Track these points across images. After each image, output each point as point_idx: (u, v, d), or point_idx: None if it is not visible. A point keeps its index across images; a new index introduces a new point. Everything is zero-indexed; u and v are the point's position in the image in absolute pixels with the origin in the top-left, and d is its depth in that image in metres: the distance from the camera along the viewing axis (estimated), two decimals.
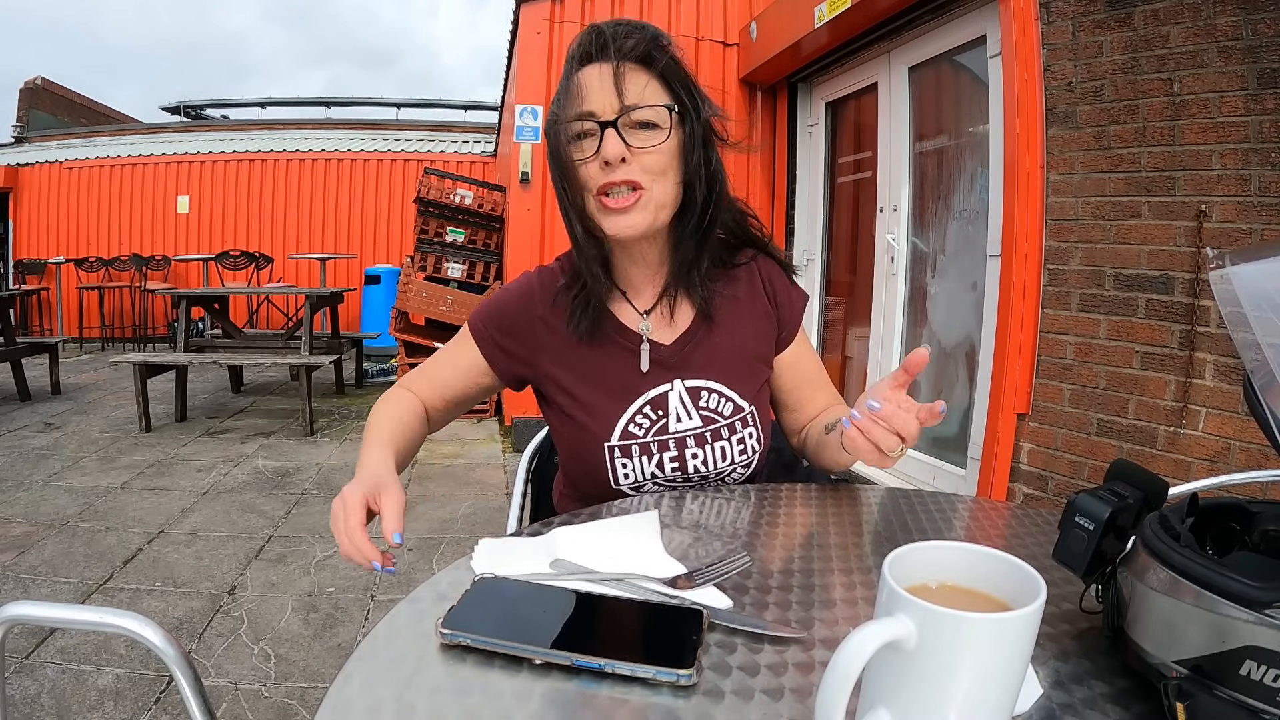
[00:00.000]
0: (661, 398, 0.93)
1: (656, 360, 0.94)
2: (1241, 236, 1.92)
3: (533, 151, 4.45)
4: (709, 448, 0.93)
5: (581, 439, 0.93)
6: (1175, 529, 0.49)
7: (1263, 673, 0.40)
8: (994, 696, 0.39)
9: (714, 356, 0.95)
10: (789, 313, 1.01)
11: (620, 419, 0.92)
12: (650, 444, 0.92)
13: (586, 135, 0.84)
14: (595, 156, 0.84)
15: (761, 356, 1.00)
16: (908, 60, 3.24)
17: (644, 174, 0.85)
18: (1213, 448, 1.96)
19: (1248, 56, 1.88)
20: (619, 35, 0.84)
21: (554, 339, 0.95)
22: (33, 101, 11.10)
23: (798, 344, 1.03)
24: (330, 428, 4.58)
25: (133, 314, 8.11)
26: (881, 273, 3.44)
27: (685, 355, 0.95)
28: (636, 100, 0.83)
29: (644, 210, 0.86)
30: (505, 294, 0.99)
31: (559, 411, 0.96)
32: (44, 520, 2.91)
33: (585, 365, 0.94)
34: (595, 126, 0.83)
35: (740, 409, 0.95)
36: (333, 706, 0.46)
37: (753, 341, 0.99)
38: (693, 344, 0.95)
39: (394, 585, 2.42)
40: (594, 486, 0.93)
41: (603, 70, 0.84)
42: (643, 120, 0.84)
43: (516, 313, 0.96)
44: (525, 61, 4.42)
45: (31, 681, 1.80)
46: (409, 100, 14.45)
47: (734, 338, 0.97)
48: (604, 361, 0.94)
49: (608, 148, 0.82)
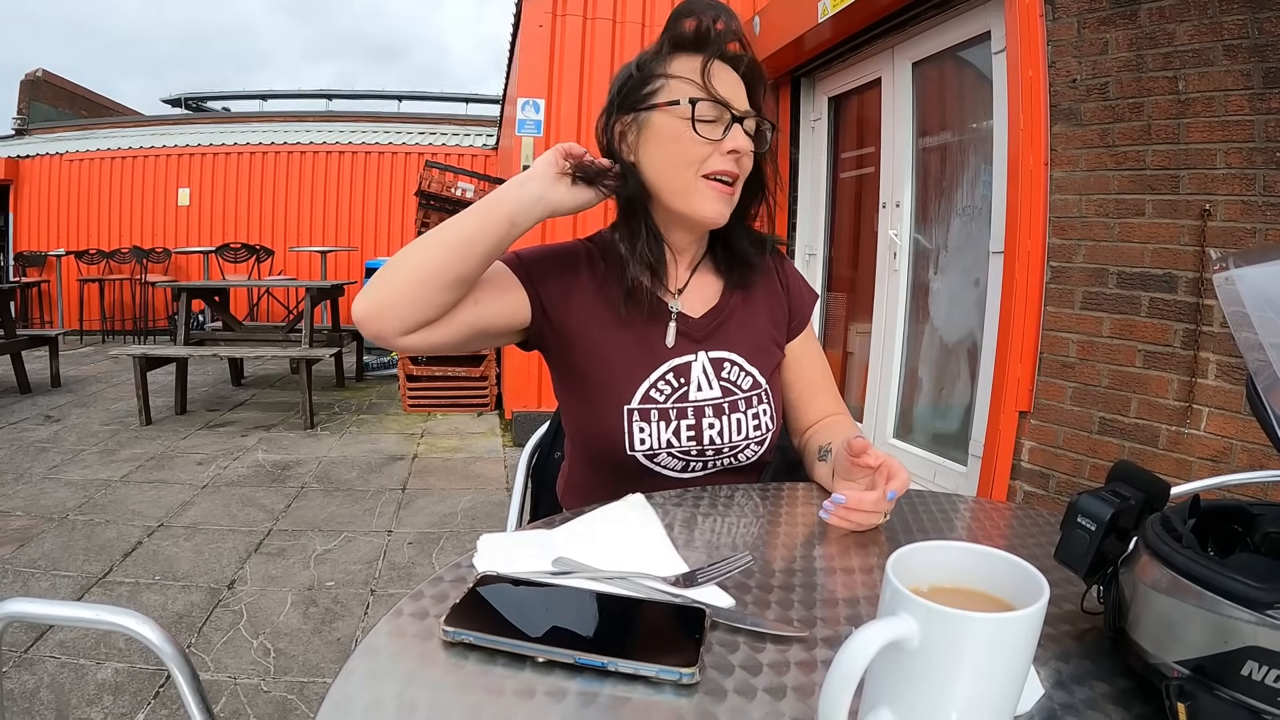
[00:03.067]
0: (685, 366, 0.96)
1: (684, 332, 0.97)
2: (1245, 236, 1.91)
3: (534, 145, 4.44)
4: (726, 419, 0.95)
5: (602, 400, 0.94)
6: (1177, 530, 0.50)
7: (1264, 673, 0.40)
8: (996, 696, 0.39)
9: (738, 331, 1.00)
10: (799, 303, 1.07)
11: (643, 383, 0.94)
12: (669, 410, 0.93)
13: (715, 121, 0.88)
14: (720, 142, 0.88)
15: (776, 340, 1.04)
16: (911, 56, 3.22)
17: (742, 173, 0.92)
18: (1215, 447, 1.96)
19: (1254, 55, 1.87)
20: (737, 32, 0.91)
21: (589, 299, 0.96)
22: (33, 94, 11.08)
23: (805, 339, 1.07)
24: (330, 421, 4.58)
25: (133, 306, 8.11)
26: (884, 269, 3.44)
27: (712, 329, 0.98)
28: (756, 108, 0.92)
29: (732, 204, 0.93)
30: (551, 247, 1.00)
31: (578, 374, 0.96)
32: (43, 513, 2.91)
33: (614, 329, 0.95)
34: (723, 115, 0.88)
35: (758, 384, 0.98)
36: (334, 703, 0.46)
37: (769, 324, 1.03)
38: (720, 319, 0.99)
39: (394, 580, 2.43)
40: (608, 455, 0.93)
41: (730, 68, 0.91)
42: (753, 128, 0.91)
43: (562, 260, 0.97)
44: (527, 55, 4.40)
45: (30, 676, 1.81)
46: (411, 93, 14.42)
47: (754, 318, 1.02)
48: (632, 329, 0.96)
49: (741, 140, 0.89)
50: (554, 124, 4.44)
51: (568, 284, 0.96)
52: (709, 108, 0.88)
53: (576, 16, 4.42)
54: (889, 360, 3.40)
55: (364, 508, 3.09)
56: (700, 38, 0.90)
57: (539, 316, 0.94)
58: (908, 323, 3.34)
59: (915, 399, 3.33)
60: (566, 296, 0.95)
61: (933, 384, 3.22)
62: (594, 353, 0.95)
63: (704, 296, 1.01)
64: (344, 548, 2.67)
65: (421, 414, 4.79)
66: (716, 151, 0.88)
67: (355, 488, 3.35)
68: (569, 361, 0.97)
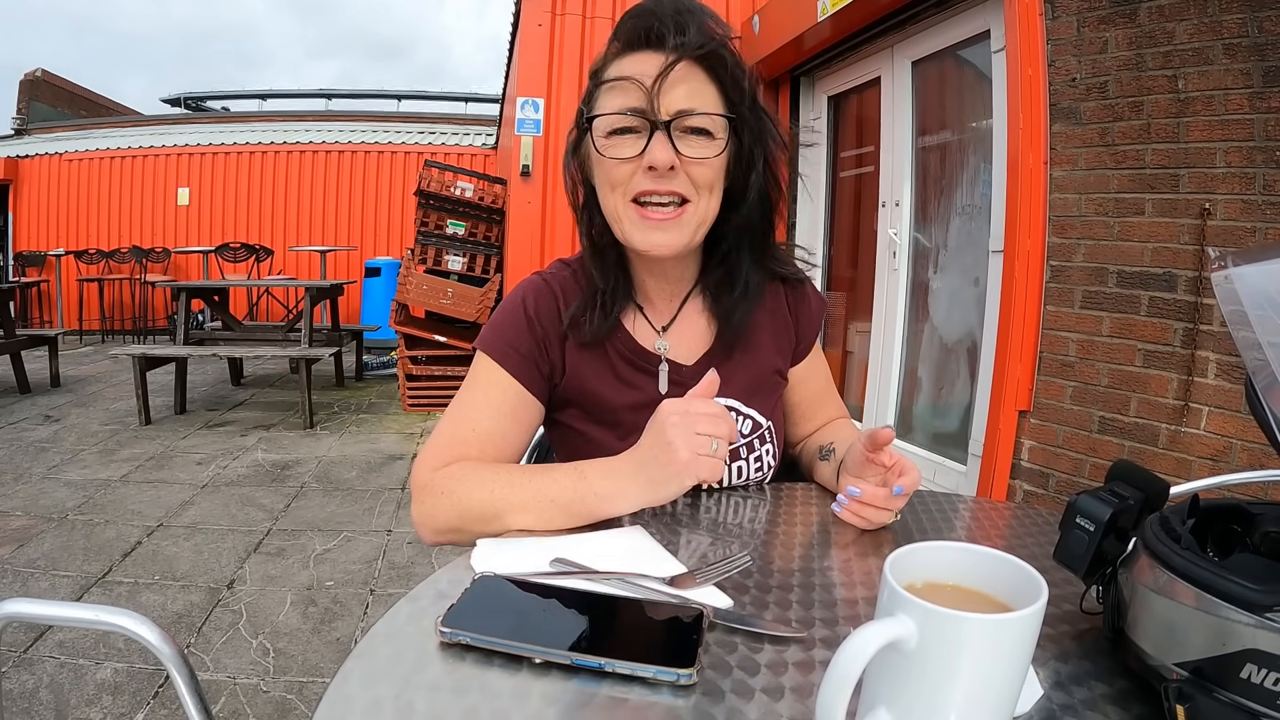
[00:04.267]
0: None
1: (676, 381, 0.87)
2: (1245, 235, 1.91)
3: (534, 144, 4.44)
4: (727, 469, 0.88)
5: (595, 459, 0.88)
6: (1176, 530, 0.49)
7: (1263, 676, 0.40)
8: (995, 697, 0.39)
9: (735, 375, 0.88)
10: (808, 326, 0.97)
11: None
12: None
13: (629, 131, 0.75)
14: (638, 159, 0.74)
15: (779, 371, 0.95)
16: (911, 55, 3.22)
17: (691, 187, 0.76)
18: (1214, 446, 1.96)
19: (1253, 54, 1.87)
20: (681, 24, 0.73)
21: (570, 352, 0.86)
22: (33, 93, 11.07)
23: (812, 358, 0.99)
24: (330, 420, 4.58)
25: (132, 306, 8.11)
26: (883, 268, 3.44)
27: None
28: (694, 105, 0.74)
29: (685, 228, 0.77)
30: (518, 305, 0.86)
31: (565, 429, 0.89)
32: (43, 513, 2.91)
33: (599, 382, 0.86)
34: (643, 124, 0.74)
35: (759, 425, 0.90)
36: (331, 704, 0.46)
37: (772, 355, 0.93)
38: (714, 364, 0.88)
39: (393, 580, 2.43)
40: None
41: (657, 61, 0.73)
42: (696, 126, 0.75)
43: (543, 319, 0.84)
44: (526, 54, 4.40)
45: (30, 675, 1.81)
46: (410, 92, 14.40)
47: (755, 355, 0.91)
48: (618, 380, 0.86)
49: (657, 153, 0.73)
50: (553, 123, 4.44)
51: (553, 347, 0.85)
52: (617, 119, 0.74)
53: (576, 16, 4.42)
54: (888, 359, 3.40)
55: (363, 507, 3.09)
56: (635, 32, 0.75)
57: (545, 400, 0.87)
58: (907, 322, 3.34)
59: (915, 398, 3.33)
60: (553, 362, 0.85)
61: (932, 383, 3.22)
62: (580, 409, 0.87)
63: (696, 335, 0.89)
64: (343, 547, 2.67)
65: (421, 413, 4.79)
66: (639, 169, 0.74)
67: (355, 487, 3.35)
68: (556, 415, 0.89)
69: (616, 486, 0.70)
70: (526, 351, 0.83)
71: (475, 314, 4.73)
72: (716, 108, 0.76)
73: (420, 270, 4.82)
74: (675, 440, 0.66)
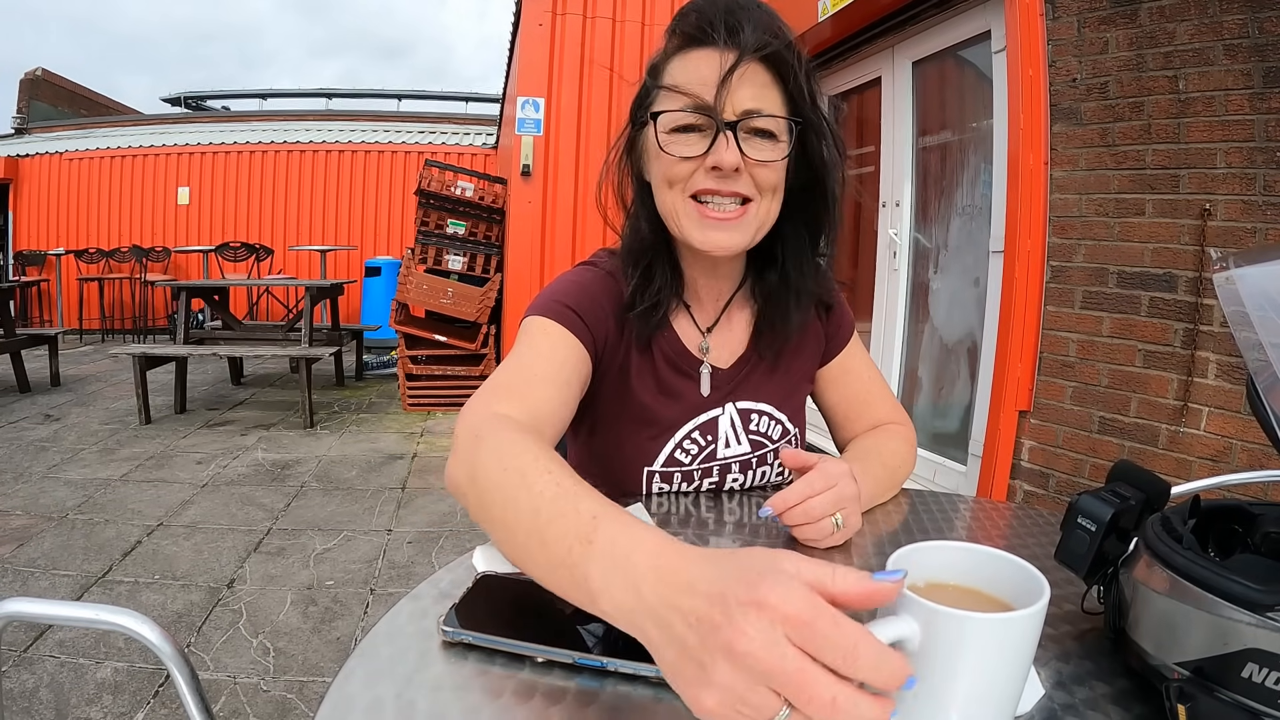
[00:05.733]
0: (712, 422, 0.87)
1: (714, 385, 0.87)
2: (1246, 235, 1.91)
3: (534, 144, 4.44)
4: (752, 472, 0.89)
5: (620, 457, 0.85)
6: (1177, 531, 0.49)
7: (1264, 675, 0.40)
8: (996, 696, 0.39)
9: (769, 379, 0.90)
10: (837, 329, 0.96)
11: (668, 444, 0.85)
12: (694, 471, 0.86)
13: (692, 129, 0.74)
14: (701, 158, 0.73)
15: (807, 375, 0.95)
16: (912, 55, 3.22)
17: (754, 188, 0.75)
18: (1214, 447, 1.96)
19: (1254, 55, 1.87)
20: (749, 22, 0.72)
21: (620, 337, 0.84)
22: (33, 92, 11.07)
23: (846, 356, 0.96)
24: (330, 420, 4.58)
25: (133, 305, 8.11)
26: (884, 268, 3.44)
27: (741, 379, 0.88)
28: (760, 106, 0.73)
29: (746, 228, 0.76)
30: (582, 278, 0.84)
31: (590, 426, 0.87)
32: (43, 512, 2.91)
33: (638, 379, 0.84)
34: (708, 123, 0.73)
35: (788, 431, 0.91)
36: (333, 703, 0.46)
37: (803, 360, 0.93)
38: (749, 367, 0.89)
39: (393, 580, 2.43)
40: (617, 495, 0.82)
41: (724, 59, 0.72)
42: (761, 128, 0.74)
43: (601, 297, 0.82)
44: (527, 53, 4.40)
45: (30, 675, 1.81)
46: (411, 92, 14.41)
47: (788, 359, 0.91)
48: (657, 379, 0.85)
49: (724, 154, 0.71)
50: (554, 123, 4.44)
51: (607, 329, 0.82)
52: (681, 116, 0.73)
53: (576, 15, 4.42)
54: (889, 359, 3.40)
55: (364, 507, 3.09)
56: (698, 29, 0.74)
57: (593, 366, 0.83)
58: (907, 322, 3.34)
59: (915, 398, 3.33)
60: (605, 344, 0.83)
61: (932, 383, 3.22)
62: (615, 404, 0.85)
63: (735, 337, 0.89)
64: (344, 547, 2.67)
65: (421, 413, 4.79)
66: (700, 168, 0.74)
67: (355, 487, 3.35)
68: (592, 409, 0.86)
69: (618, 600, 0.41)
70: (586, 317, 0.80)
71: (475, 314, 4.73)
72: (781, 110, 0.75)
73: (420, 270, 4.82)
74: (723, 667, 0.34)
